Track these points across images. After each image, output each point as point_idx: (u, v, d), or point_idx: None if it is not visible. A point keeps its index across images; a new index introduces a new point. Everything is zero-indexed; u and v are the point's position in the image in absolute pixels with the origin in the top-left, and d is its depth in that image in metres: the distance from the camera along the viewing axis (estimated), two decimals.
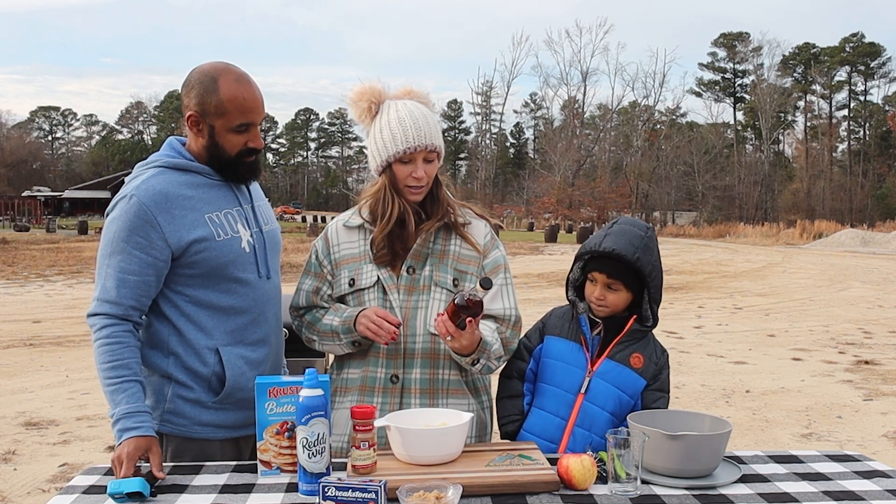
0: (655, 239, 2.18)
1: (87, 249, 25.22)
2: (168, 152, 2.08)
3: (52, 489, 4.26)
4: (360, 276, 2.18)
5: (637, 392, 2.14)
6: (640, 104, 66.66)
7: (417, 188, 2.13)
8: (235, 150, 2.04)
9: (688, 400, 6.53)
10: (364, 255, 2.19)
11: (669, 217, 63.52)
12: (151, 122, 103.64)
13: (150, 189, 1.96)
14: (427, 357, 2.14)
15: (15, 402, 6.20)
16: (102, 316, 1.94)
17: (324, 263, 2.24)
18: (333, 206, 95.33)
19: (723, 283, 17.61)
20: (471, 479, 1.73)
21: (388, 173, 2.14)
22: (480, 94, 70.27)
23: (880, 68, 71.69)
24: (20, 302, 12.62)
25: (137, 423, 1.88)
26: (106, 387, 1.95)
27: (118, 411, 1.91)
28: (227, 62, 2.06)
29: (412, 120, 2.11)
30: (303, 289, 2.25)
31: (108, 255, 1.95)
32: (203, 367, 2.03)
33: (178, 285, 2.02)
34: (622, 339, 2.15)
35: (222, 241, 2.03)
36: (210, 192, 2.06)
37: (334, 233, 2.26)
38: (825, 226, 44.03)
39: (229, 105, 1.98)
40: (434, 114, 2.20)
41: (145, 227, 1.93)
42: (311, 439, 1.73)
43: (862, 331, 10.46)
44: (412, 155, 2.10)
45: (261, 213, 2.20)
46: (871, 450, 5.14)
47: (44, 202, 63.52)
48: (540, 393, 2.19)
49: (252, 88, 2.02)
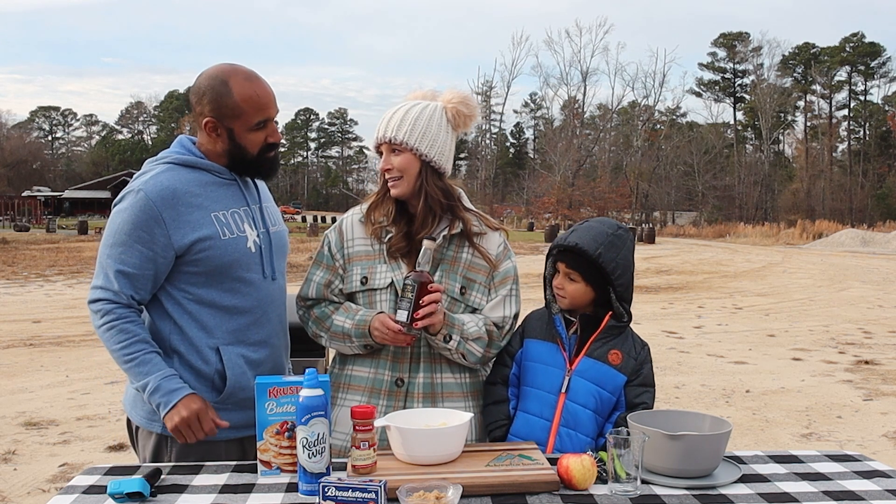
0: (627, 239, 2.17)
1: (87, 249, 25.22)
2: (178, 149, 2.09)
3: (52, 489, 4.26)
4: (374, 276, 2.19)
5: (617, 388, 2.13)
6: (640, 104, 66.61)
7: (390, 179, 2.19)
8: (257, 148, 2.06)
9: (688, 400, 6.53)
10: (378, 254, 2.20)
11: (669, 217, 63.53)
12: (151, 122, 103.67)
13: (158, 185, 1.97)
14: (429, 361, 2.17)
15: (15, 402, 6.20)
16: (104, 301, 1.96)
17: (336, 256, 2.24)
18: (333, 206, 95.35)
19: (723, 283, 17.61)
20: (471, 479, 1.73)
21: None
22: (480, 93, 70.25)
23: (880, 68, 71.70)
24: (20, 302, 12.61)
25: (180, 384, 1.96)
26: (126, 363, 1.97)
27: (153, 378, 1.94)
28: (232, 62, 2.07)
29: (389, 114, 2.20)
30: (314, 280, 2.24)
31: (111, 245, 1.97)
32: (205, 366, 2.03)
33: (182, 283, 2.02)
34: (599, 335, 2.15)
35: (227, 240, 2.03)
36: (218, 190, 2.07)
37: (349, 226, 2.26)
38: (825, 226, 44.05)
39: (245, 105, 2.00)
40: (436, 115, 2.20)
41: (150, 223, 1.94)
42: (311, 439, 1.73)
43: (862, 331, 10.46)
44: (378, 147, 2.21)
45: (269, 213, 2.20)
46: (871, 450, 5.14)
47: (44, 202, 63.55)
48: (523, 396, 2.20)
49: (263, 84, 2.04)
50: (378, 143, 2.20)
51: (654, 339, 9.48)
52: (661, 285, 16.75)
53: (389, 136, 2.17)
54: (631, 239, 2.20)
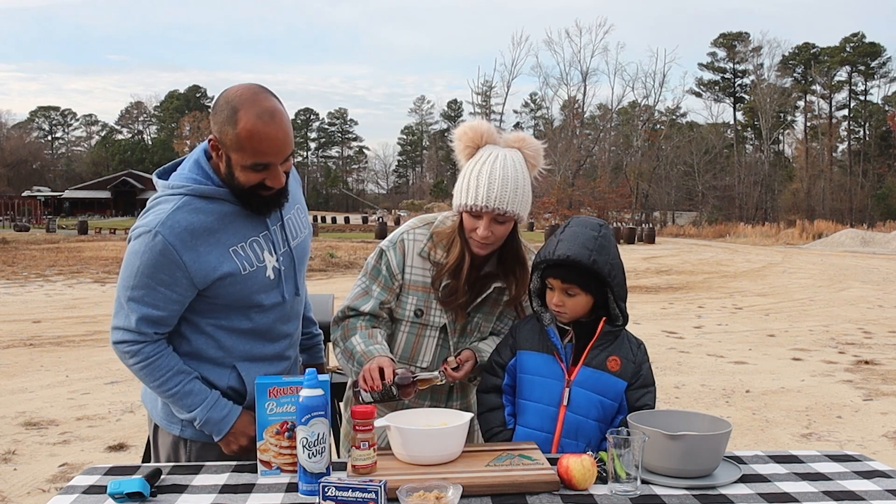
0: (610, 236, 2.12)
1: (87, 249, 25.22)
2: (195, 175, 1.96)
3: (52, 489, 4.26)
4: (430, 313, 2.23)
5: (619, 394, 2.10)
6: (640, 104, 66.63)
7: (481, 244, 2.13)
8: (250, 185, 1.93)
9: (688, 400, 6.53)
10: (433, 290, 2.23)
11: (669, 217, 63.49)
12: (151, 121, 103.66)
13: (175, 226, 1.88)
14: (459, 390, 2.36)
15: (15, 402, 6.20)
16: (129, 343, 1.94)
17: (396, 277, 2.23)
18: (333, 206, 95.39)
19: (723, 283, 17.61)
20: (471, 479, 1.73)
21: (460, 217, 2.18)
22: (480, 93, 70.29)
23: (880, 68, 71.72)
24: (20, 302, 12.61)
25: (225, 412, 1.99)
26: (168, 398, 1.99)
27: (198, 412, 1.97)
28: (260, 89, 1.89)
29: (490, 179, 2.07)
30: (373, 296, 2.23)
31: (132, 287, 1.90)
32: (219, 380, 2.03)
33: (199, 310, 1.99)
34: (595, 343, 2.10)
35: (248, 273, 1.97)
36: (236, 220, 1.97)
37: (410, 251, 2.24)
38: (825, 226, 44.05)
39: (245, 143, 1.85)
40: (526, 172, 2.16)
41: (170, 266, 1.88)
42: (311, 439, 1.73)
43: (862, 331, 10.46)
44: (479, 213, 2.10)
45: (291, 225, 2.12)
46: (871, 450, 5.14)
47: (44, 202, 63.52)
48: (521, 410, 2.14)
49: (274, 127, 1.85)
50: (478, 211, 2.09)
51: (654, 339, 9.48)
52: (661, 285, 16.75)
53: (499, 208, 2.08)
54: (612, 233, 2.16)
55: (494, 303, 2.28)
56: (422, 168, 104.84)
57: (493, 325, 2.33)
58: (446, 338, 2.25)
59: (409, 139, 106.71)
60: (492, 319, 2.32)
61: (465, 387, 2.38)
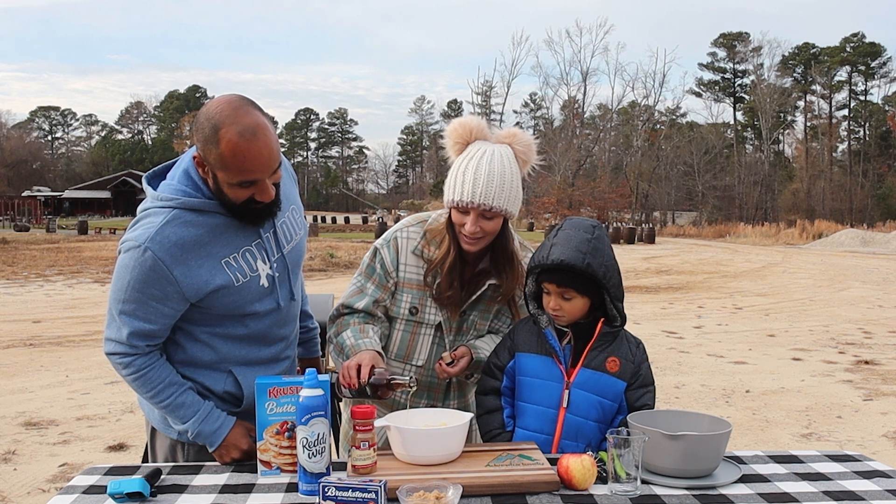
0: (604, 237, 2.10)
1: (87, 249, 25.22)
2: (185, 187, 1.92)
3: (52, 489, 4.26)
4: (425, 311, 2.23)
5: (619, 395, 2.09)
6: (640, 104, 66.62)
7: (470, 239, 2.13)
8: (240, 201, 1.89)
9: (688, 400, 6.53)
10: (427, 288, 2.23)
11: (669, 217, 63.49)
12: (151, 121, 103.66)
13: (164, 241, 1.85)
14: (457, 389, 2.36)
15: (15, 402, 6.20)
16: (120, 355, 1.93)
17: (391, 275, 2.24)
18: (333, 206, 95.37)
19: (723, 283, 17.61)
20: (471, 479, 1.73)
21: (450, 214, 2.18)
22: (480, 93, 70.28)
23: (880, 68, 71.68)
24: (20, 302, 12.61)
25: (217, 424, 1.97)
26: (162, 409, 1.98)
27: (190, 424, 1.96)
28: (241, 103, 1.83)
29: (476, 175, 2.08)
30: (368, 293, 2.24)
31: (122, 300, 1.88)
32: (215, 385, 2.03)
33: (193, 320, 1.98)
34: (594, 344, 2.09)
35: (241, 284, 1.96)
36: (228, 231, 1.94)
37: (404, 249, 2.24)
38: (825, 226, 44.03)
39: (229, 162, 1.80)
40: (515, 167, 2.15)
41: (161, 282, 1.85)
42: (311, 439, 1.73)
43: (862, 331, 10.46)
44: (466, 208, 2.10)
45: (284, 230, 2.08)
46: (871, 450, 5.14)
47: (44, 202, 63.53)
48: (521, 413, 2.14)
49: (257, 144, 1.80)
50: (465, 207, 2.09)
51: (654, 339, 9.49)
52: (661, 285, 16.75)
53: (485, 204, 2.08)
54: (606, 233, 2.14)
55: (490, 300, 2.28)
56: (422, 168, 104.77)
57: (489, 324, 2.33)
58: (442, 336, 2.26)
59: (410, 139, 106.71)
60: (488, 317, 2.31)
61: (463, 386, 2.38)
